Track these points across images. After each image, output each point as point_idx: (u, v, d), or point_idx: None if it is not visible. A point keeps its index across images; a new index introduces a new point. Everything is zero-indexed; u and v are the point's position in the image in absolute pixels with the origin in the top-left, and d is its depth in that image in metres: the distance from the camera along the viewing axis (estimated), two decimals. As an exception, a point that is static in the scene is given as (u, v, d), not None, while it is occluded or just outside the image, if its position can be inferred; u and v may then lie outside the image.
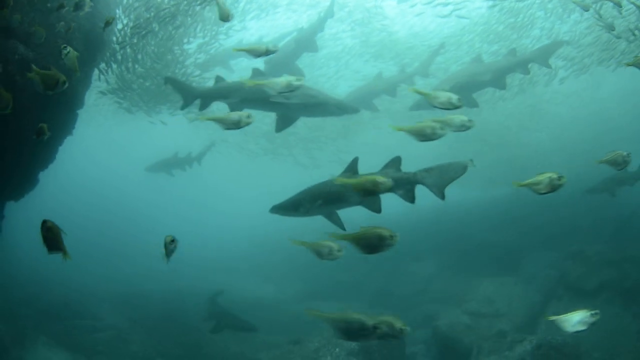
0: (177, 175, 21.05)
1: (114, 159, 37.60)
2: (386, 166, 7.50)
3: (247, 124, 6.50)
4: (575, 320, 5.69)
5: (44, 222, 5.46)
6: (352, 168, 7.60)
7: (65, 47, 7.08)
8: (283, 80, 6.44)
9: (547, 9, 15.65)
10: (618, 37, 12.70)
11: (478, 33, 17.41)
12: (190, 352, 14.16)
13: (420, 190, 8.10)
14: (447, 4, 15.74)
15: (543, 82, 17.33)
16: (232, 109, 9.45)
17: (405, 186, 7.30)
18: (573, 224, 18.21)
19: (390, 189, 6.56)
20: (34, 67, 6.60)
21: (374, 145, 25.11)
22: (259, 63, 16.25)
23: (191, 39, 14.48)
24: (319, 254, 5.98)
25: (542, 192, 5.73)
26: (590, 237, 16.68)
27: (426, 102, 11.57)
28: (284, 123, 9.81)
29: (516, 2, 15.41)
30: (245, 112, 6.51)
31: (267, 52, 7.13)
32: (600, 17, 11.99)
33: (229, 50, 16.16)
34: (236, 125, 6.51)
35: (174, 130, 17.22)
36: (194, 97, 10.28)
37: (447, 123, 6.22)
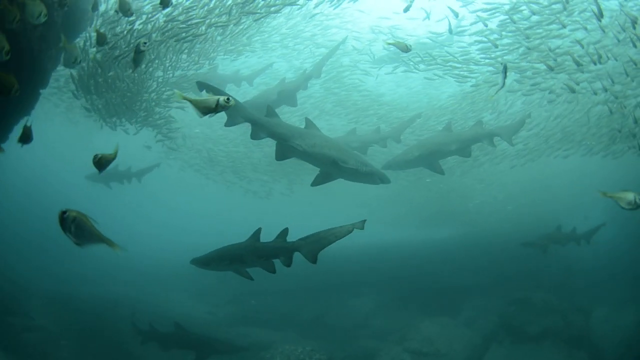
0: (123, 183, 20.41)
1: (66, 155, 35.95)
2: (277, 236, 8.63)
3: None
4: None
5: None
6: (255, 236, 8.78)
7: None
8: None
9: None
10: None
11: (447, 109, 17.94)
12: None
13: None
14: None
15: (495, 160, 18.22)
16: (280, 155, 9.71)
17: (286, 254, 8.45)
18: (514, 272, 18.72)
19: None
20: (178, 92, 5.52)
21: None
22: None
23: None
24: None
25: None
26: (534, 285, 17.29)
27: (397, 163, 12.05)
28: (323, 179, 10.00)
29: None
30: None
31: (407, 49, 9.08)
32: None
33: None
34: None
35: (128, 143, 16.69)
36: (244, 120, 9.65)
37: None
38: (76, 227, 4.59)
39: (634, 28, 10.50)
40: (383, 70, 18.18)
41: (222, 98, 5.33)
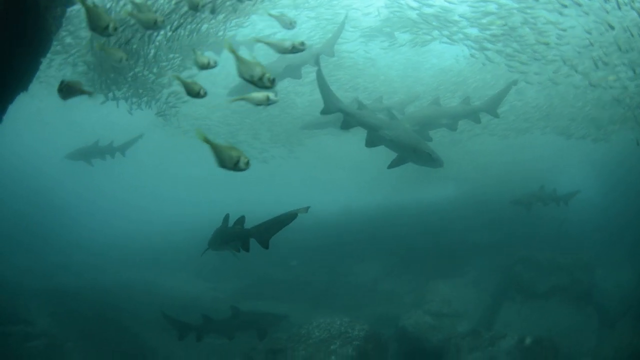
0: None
1: (43, 139, 34.51)
2: (235, 223, 9.38)
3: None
4: None
5: None
6: (225, 221, 9.85)
7: None
8: None
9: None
10: None
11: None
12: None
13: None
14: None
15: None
16: (371, 142, 10.91)
17: (243, 239, 9.05)
18: (513, 232, 19.10)
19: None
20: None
21: (318, 150, 25.78)
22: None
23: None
24: None
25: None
26: (533, 244, 17.64)
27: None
28: (397, 163, 11.02)
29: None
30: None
31: None
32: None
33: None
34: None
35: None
36: (337, 110, 10.79)
37: None
38: (67, 88, 5.89)
39: None
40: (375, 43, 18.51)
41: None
